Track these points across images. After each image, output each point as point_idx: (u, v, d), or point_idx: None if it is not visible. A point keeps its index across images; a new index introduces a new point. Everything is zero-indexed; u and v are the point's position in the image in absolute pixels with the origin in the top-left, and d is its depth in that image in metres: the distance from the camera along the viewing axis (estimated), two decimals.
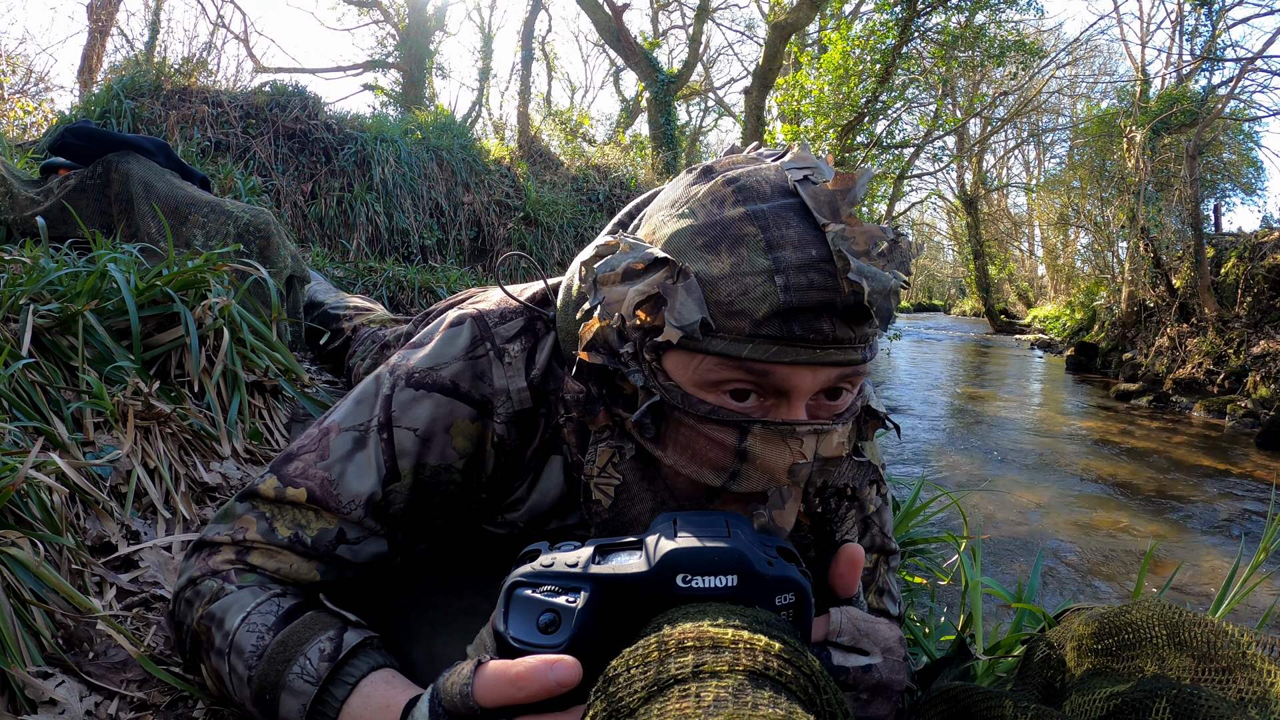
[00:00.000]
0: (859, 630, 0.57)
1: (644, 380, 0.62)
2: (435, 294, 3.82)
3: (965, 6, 8.72)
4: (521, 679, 0.45)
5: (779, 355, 0.58)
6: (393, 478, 0.74)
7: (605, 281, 0.62)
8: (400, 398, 0.75)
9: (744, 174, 0.63)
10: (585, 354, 0.64)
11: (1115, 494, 4.56)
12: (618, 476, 0.67)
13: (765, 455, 0.60)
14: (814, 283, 0.57)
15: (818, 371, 0.59)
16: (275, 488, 0.74)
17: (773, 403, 0.61)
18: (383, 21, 12.96)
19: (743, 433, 0.60)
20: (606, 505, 0.67)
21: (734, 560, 0.47)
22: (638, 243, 0.63)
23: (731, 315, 0.58)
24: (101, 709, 0.74)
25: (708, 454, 0.62)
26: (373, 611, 0.78)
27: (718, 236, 0.59)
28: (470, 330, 0.77)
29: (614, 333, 0.63)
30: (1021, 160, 25.57)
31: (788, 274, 0.57)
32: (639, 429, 0.64)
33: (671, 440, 0.64)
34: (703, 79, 17.87)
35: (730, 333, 0.58)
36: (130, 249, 1.73)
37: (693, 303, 0.58)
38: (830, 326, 0.58)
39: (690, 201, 0.63)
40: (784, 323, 0.57)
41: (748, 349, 0.58)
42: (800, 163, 0.63)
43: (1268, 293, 7.85)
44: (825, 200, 0.59)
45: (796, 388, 0.60)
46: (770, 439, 0.60)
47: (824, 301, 0.57)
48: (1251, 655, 0.49)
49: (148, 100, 4.52)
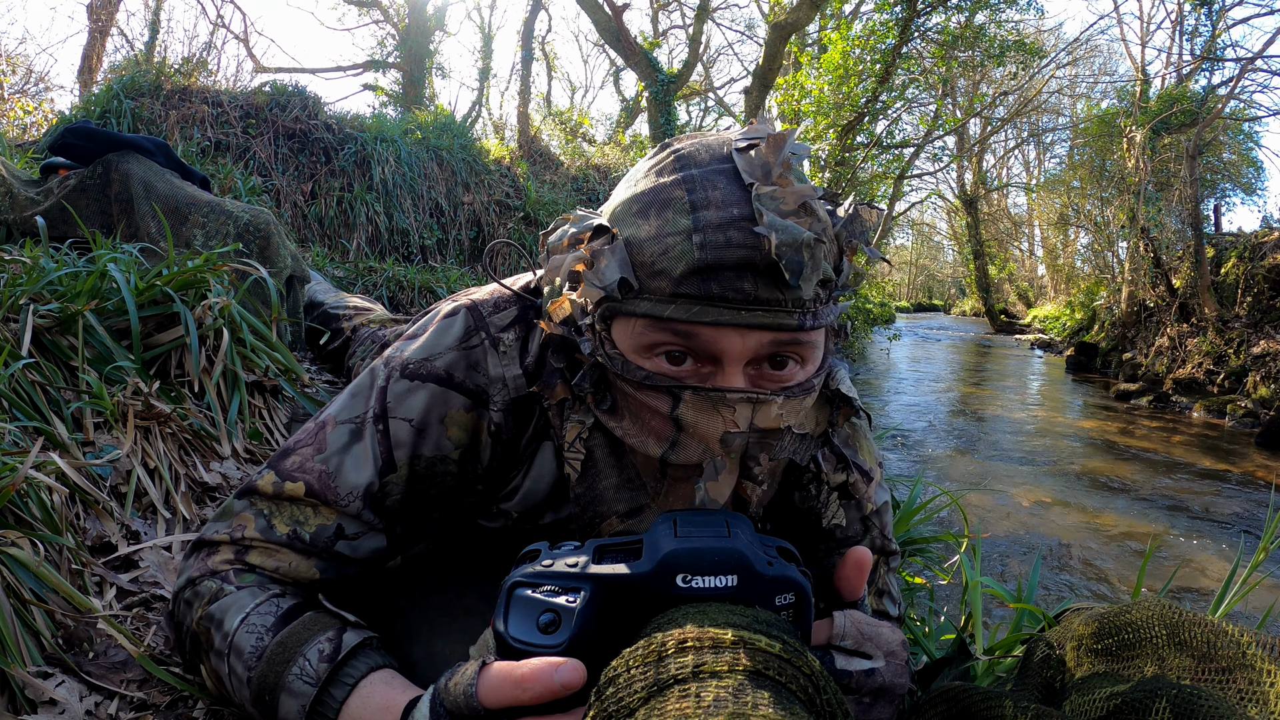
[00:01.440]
0: (862, 634, 0.57)
1: (591, 348, 0.64)
2: (435, 294, 3.82)
3: (965, 6, 8.71)
4: (526, 680, 0.45)
5: (700, 315, 0.58)
6: (389, 469, 0.74)
7: (554, 250, 0.66)
8: (395, 389, 0.75)
9: (691, 145, 0.65)
10: (546, 324, 0.67)
11: (1115, 494, 4.56)
12: (583, 451, 0.68)
13: (698, 423, 0.61)
14: (732, 240, 0.57)
15: (746, 335, 0.59)
16: (273, 483, 0.74)
17: (709, 370, 0.62)
18: (383, 21, 12.95)
19: (675, 399, 0.61)
20: (575, 480, 0.69)
21: (734, 560, 0.47)
22: (585, 214, 0.66)
23: (654, 275, 0.59)
24: (101, 709, 0.74)
25: (650, 423, 0.63)
26: (372, 611, 0.78)
27: (650, 202, 0.61)
28: (464, 320, 0.77)
29: (578, 308, 0.65)
30: (1021, 160, 25.60)
31: (705, 232, 0.58)
32: (595, 401, 0.66)
33: (624, 411, 0.65)
34: (703, 79, 17.86)
35: (654, 294, 0.59)
36: (130, 249, 1.73)
37: (615, 263, 0.60)
38: (753, 285, 0.58)
39: (639, 173, 0.66)
40: (703, 281, 0.58)
41: (670, 309, 0.59)
42: (751, 133, 0.63)
43: (1268, 293, 7.84)
44: (758, 164, 0.60)
45: (725, 351, 0.60)
46: (702, 406, 0.61)
47: (743, 259, 0.57)
48: (1251, 655, 0.49)
49: (148, 100, 4.52)
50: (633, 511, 0.69)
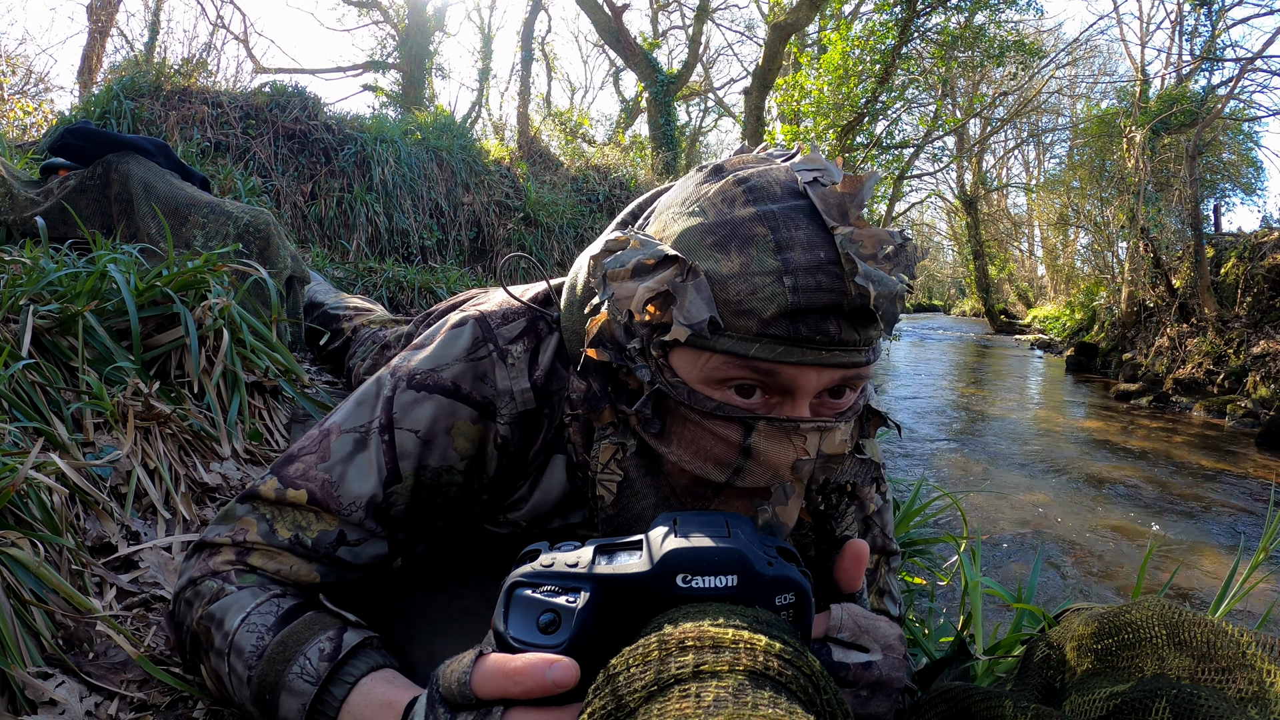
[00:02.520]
0: (859, 627, 0.58)
1: (650, 375, 0.63)
2: (435, 294, 3.82)
3: (965, 7, 8.72)
4: (519, 674, 0.45)
5: (785, 355, 0.58)
6: (394, 479, 0.74)
7: (615, 277, 0.63)
8: (401, 399, 0.75)
9: (754, 174, 0.63)
10: (593, 350, 0.65)
11: (1115, 494, 4.56)
12: (620, 473, 0.67)
13: (769, 451, 0.61)
14: (822, 284, 0.57)
15: (822, 372, 0.60)
16: (276, 489, 0.74)
17: (777, 400, 0.62)
18: (382, 22, 12.97)
19: (748, 429, 0.61)
20: (610, 501, 0.68)
21: (734, 560, 0.47)
22: (648, 239, 0.64)
23: (740, 314, 0.58)
24: (101, 709, 0.74)
25: (712, 449, 0.62)
26: (373, 612, 0.78)
27: (728, 236, 0.60)
28: (472, 332, 0.77)
29: (620, 328, 0.63)
30: (1021, 160, 25.59)
31: (796, 275, 0.57)
32: (643, 424, 0.65)
33: (676, 436, 0.64)
34: (702, 79, 17.87)
35: (738, 331, 0.59)
36: (130, 249, 1.73)
37: (702, 301, 0.58)
38: (836, 328, 0.58)
39: (700, 200, 0.64)
40: (791, 323, 0.58)
41: (755, 348, 0.58)
42: (810, 164, 0.64)
43: (1267, 293, 7.85)
44: (834, 203, 0.60)
45: (802, 387, 0.60)
46: (774, 435, 0.61)
47: (831, 303, 0.58)
48: (1251, 655, 0.49)
49: (147, 101, 4.52)
50: None
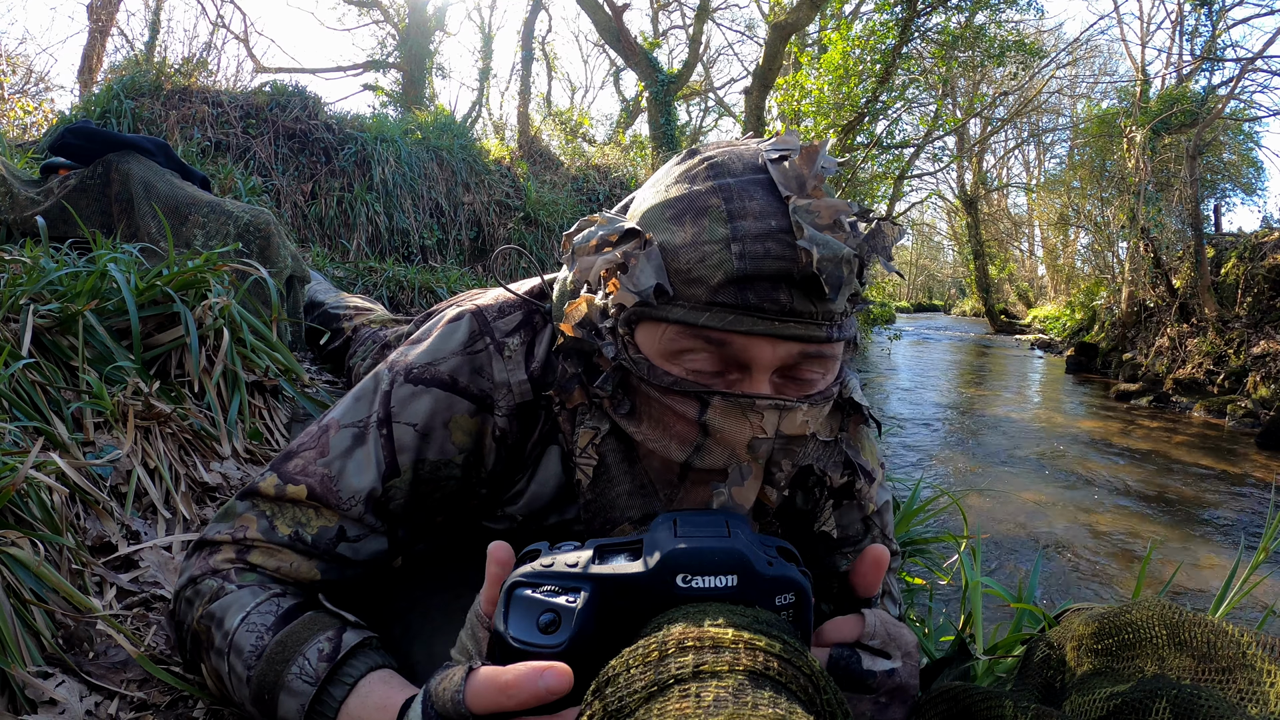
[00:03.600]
0: (889, 634, 0.58)
1: (614, 352, 0.64)
2: (435, 294, 3.82)
3: (965, 6, 8.72)
4: (511, 687, 0.45)
5: (735, 324, 0.59)
6: (393, 473, 0.74)
7: (581, 252, 0.66)
8: (399, 393, 0.75)
9: (722, 153, 0.65)
10: (566, 326, 0.66)
11: (1115, 494, 4.56)
12: (596, 457, 0.68)
13: (725, 428, 0.61)
14: (770, 251, 0.58)
15: (777, 345, 0.60)
16: (275, 485, 0.74)
17: (736, 376, 0.62)
18: (383, 21, 12.95)
19: (703, 404, 0.61)
20: (586, 485, 0.69)
21: (734, 560, 0.47)
22: (613, 217, 0.66)
23: (689, 283, 0.59)
24: (101, 709, 0.74)
25: (674, 427, 0.63)
26: (373, 611, 0.78)
27: (684, 209, 0.61)
28: (469, 325, 0.77)
29: (597, 310, 0.65)
30: (1021, 160, 25.59)
31: (744, 242, 0.58)
32: (613, 405, 0.66)
33: (644, 415, 0.65)
34: (703, 79, 17.86)
35: (689, 301, 0.60)
36: (130, 249, 1.73)
37: (651, 269, 0.60)
38: (788, 297, 0.58)
39: (669, 179, 0.66)
40: (740, 290, 0.58)
41: (704, 316, 0.59)
42: (781, 144, 0.64)
43: (1268, 293, 7.84)
44: (793, 175, 0.61)
45: (756, 359, 0.60)
46: (730, 412, 0.61)
47: (780, 270, 0.58)
48: (1251, 655, 0.49)
49: (148, 100, 4.52)
50: (646, 518, 0.69)
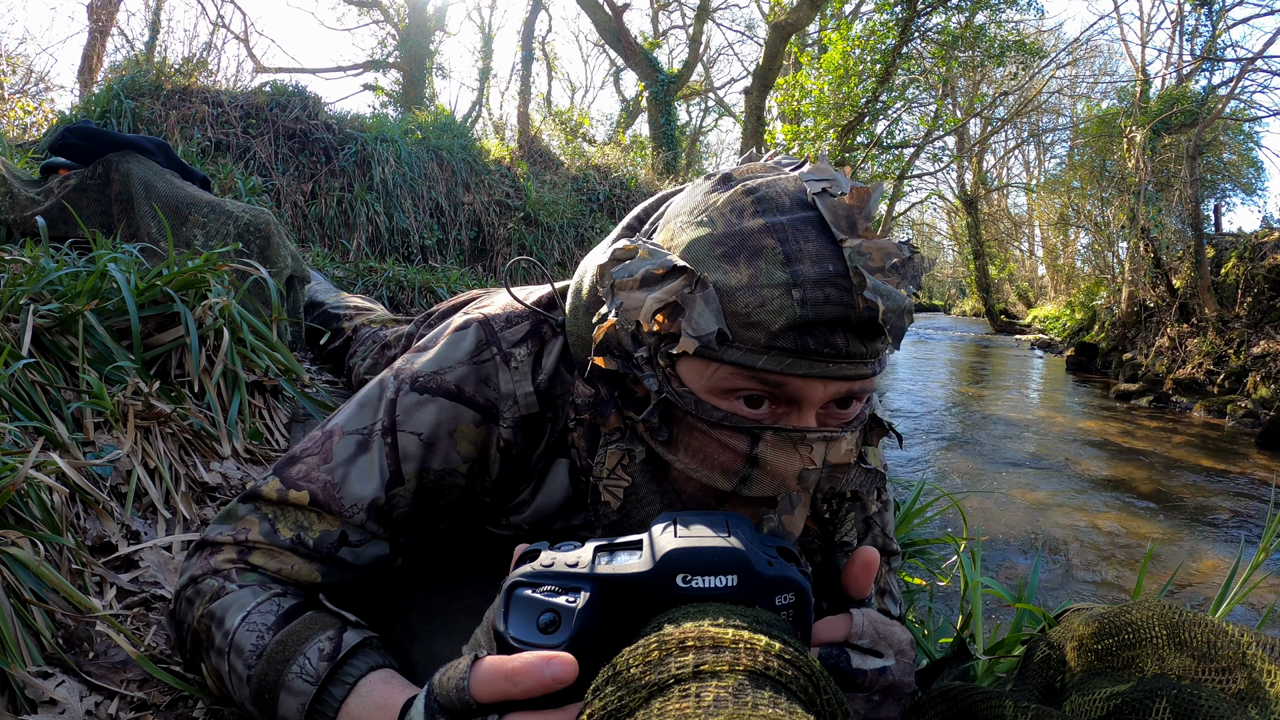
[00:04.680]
0: (878, 633, 0.58)
1: (658, 385, 0.63)
2: (435, 294, 3.82)
3: (965, 6, 8.72)
4: (517, 674, 0.45)
5: (793, 368, 0.59)
6: (396, 482, 0.74)
7: (623, 287, 0.63)
8: (404, 402, 0.75)
9: (763, 184, 0.63)
10: (600, 359, 0.65)
11: (1115, 494, 4.56)
12: (626, 479, 0.67)
13: (776, 461, 0.61)
14: (830, 298, 0.58)
15: (829, 384, 0.60)
16: (278, 490, 0.74)
17: (784, 410, 0.62)
18: (383, 21, 12.96)
19: (755, 439, 0.61)
20: (615, 507, 0.68)
21: (734, 560, 0.47)
22: (656, 249, 0.63)
23: (748, 326, 0.58)
24: (101, 709, 0.74)
25: (719, 458, 0.63)
26: (373, 611, 0.78)
27: (736, 247, 0.60)
28: (476, 335, 0.77)
29: (628, 336, 0.63)
30: (1021, 160, 25.58)
31: (805, 288, 0.57)
32: (651, 432, 0.65)
33: (683, 444, 0.64)
34: (703, 79, 17.87)
35: (746, 343, 0.59)
36: (130, 249, 1.73)
37: (710, 313, 0.59)
38: (844, 341, 0.59)
39: (709, 209, 0.64)
40: (799, 336, 0.58)
41: (763, 360, 0.59)
42: (818, 174, 0.64)
43: (1268, 293, 7.85)
44: (843, 215, 0.60)
45: (809, 398, 0.61)
46: (781, 445, 0.61)
47: (839, 316, 0.58)
48: (1252, 655, 0.49)
49: (148, 100, 4.52)
50: None
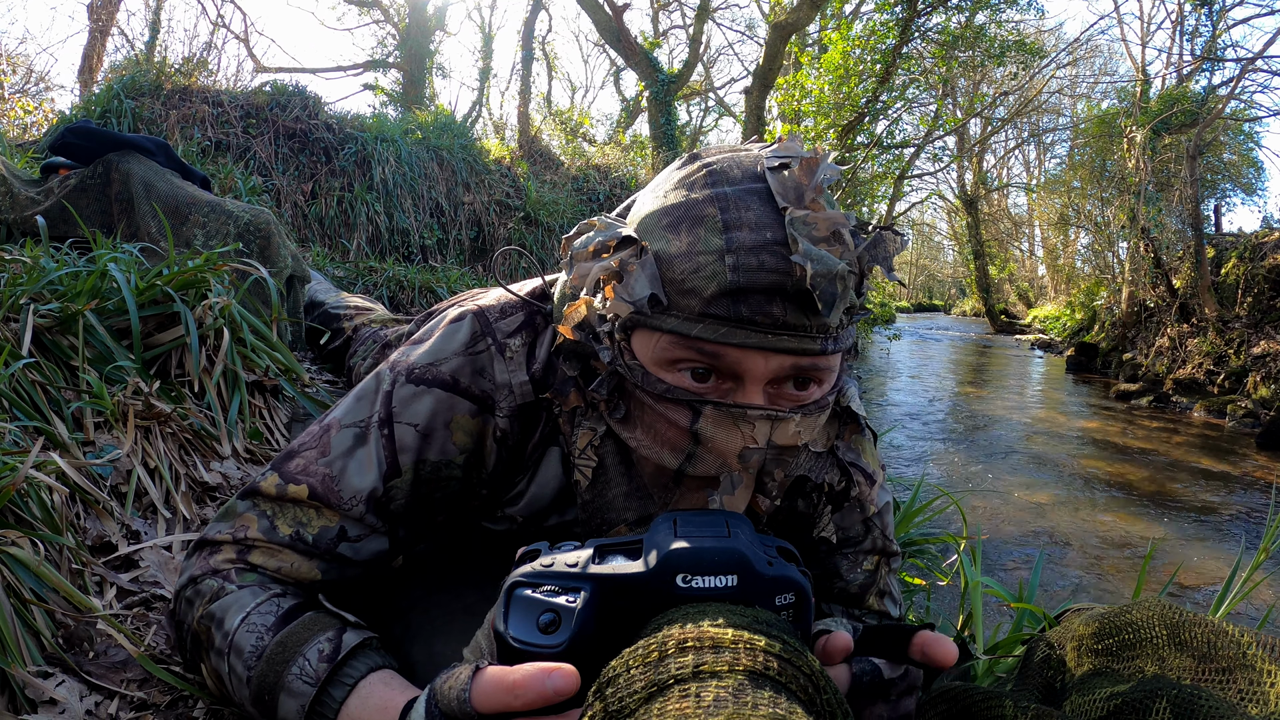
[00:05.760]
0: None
1: (610, 357, 0.64)
2: (435, 294, 3.82)
3: (965, 6, 8.71)
4: (519, 686, 0.45)
5: (727, 336, 0.59)
6: (394, 473, 0.74)
7: (579, 258, 0.66)
8: (401, 393, 0.75)
9: (722, 159, 0.64)
10: (565, 329, 0.67)
11: (1115, 494, 4.56)
12: (595, 459, 0.69)
13: (716, 437, 0.61)
14: (764, 264, 0.57)
15: (769, 357, 0.60)
16: (276, 485, 0.74)
17: (729, 386, 0.62)
18: (383, 21, 12.94)
19: (695, 413, 0.62)
20: (585, 486, 0.70)
21: (734, 560, 0.47)
22: (612, 222, 0.66)
23: (684, 293, 0.59)
24: (101, 709, 0.74)
25: (667, 434, 0.64)
26: (373, 611, 0.78)
27: (680, 217, 0.61)
28: (470, 326, 0.77)
29: (595, 314, 0.65)
30: (1022, 160, 25.58)
31: (738, 254, 0.58)
32: (609, 409, 0.66)
33: (638, 421, 0.66)
34: (703, 79, 17.85)
35: (682, 311, 0.60)
36: (130, 249, 1.73)
37: (645, 278, 0.60)
38: (781, 310, 0.58)
39: (668, 184, 0.65)
40: (733, 303, 0.58)
41: (698, 328, 0.59)
42: (783, 151, 0.63)
43: (1268, 293, 7.84)
44: (791, 186, 0.60)
45: (749, 371, 0.60)
46: (722, 421, 0.61)
47: (774, 284, 0.58)
48: (1252, 655, 0.49)
49: (148, 100, 4.52)
50: (641, 520, 0.69)
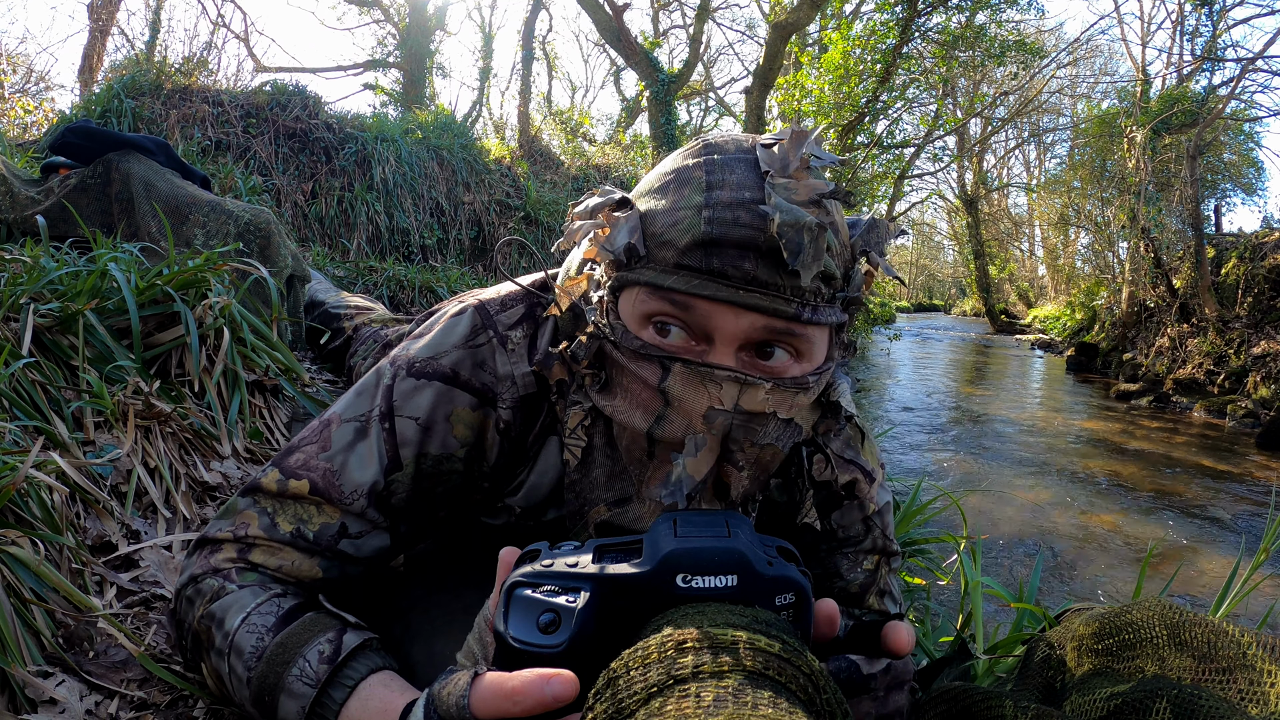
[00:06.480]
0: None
1: (595, 317, 0.67)
2: (436, 294, 3.82)
3: (966, 6, 8.71)
4: (518, 693, 0.45)
5: (699, 288, 0.60)
6: (395, 467, 0.74)
7: (575, 218, 0.69)
8: (401, 387, 0.75)
9: (722, 136, 0.68)
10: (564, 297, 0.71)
11: (1115, 494, 4.56)
12: (584, 438, 0.71)
13: (684, 396, 0.63)
14: (739, 219, 0.60)
15: (740, 315, 0.61)
16: (277, 481, 0.74)
17: (703, 348, 0.64)
18: (383, 21, 12.94)
19: (665, 370, 0.63)
20: (574, 465, 0.72)
21: (734, 560, 0.47)
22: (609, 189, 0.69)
23: (661, 245, 0.62)
24: (102, 708, 0.74)
25: (640, 395, 0.65)
26: (373, 612, 0.78)
27: (670, 180, 0.65)
28: (471, 319, 0.78)
29: (592, 283, 0.69)
30: (1022, 160, 25.59)
31: (715, 209, 0.60)
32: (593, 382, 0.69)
33: (616, 387, 0.67)
34: (703, 79, 17.85)
35: (658, 263, 0.62)
36: (131, 248, 1.73)
37: (625, 230, 0.63)
38: (753, 265, 0.60)
39: (670, 159, 0.69)
40: (705, 255, 0.60)
41: (671, 279, 0.61)
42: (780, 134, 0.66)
43: (1268, 293, 7.85)
44: (779, 157, 0.63)
45: (719, 329, 0.62)
46: (690, 380, 0.62)
47: (746, 238, 0.59)
48: (1252, 655, 0.49)
49: (148, 99, 4.52)
50: (620, 501, 0.70)
